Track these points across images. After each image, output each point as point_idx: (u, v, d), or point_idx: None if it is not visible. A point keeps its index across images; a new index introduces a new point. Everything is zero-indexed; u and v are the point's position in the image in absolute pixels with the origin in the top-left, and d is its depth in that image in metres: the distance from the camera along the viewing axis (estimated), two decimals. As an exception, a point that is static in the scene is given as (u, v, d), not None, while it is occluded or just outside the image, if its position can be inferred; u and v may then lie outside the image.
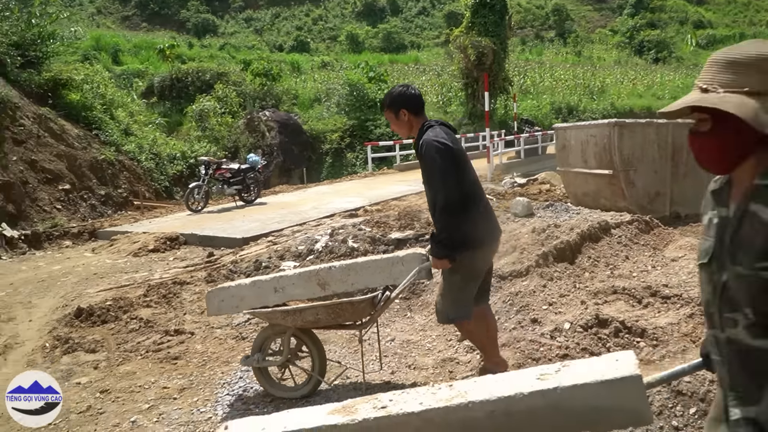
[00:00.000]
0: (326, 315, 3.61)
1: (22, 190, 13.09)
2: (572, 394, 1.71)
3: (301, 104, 31.82)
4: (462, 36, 28.17)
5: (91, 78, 18.70)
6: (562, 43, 58.19)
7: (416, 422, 1.72)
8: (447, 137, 3.37)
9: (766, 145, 1.41)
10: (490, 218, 3.59)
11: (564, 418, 1.72)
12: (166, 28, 53.45)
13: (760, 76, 1.41)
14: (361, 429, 1.75)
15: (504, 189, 12.81)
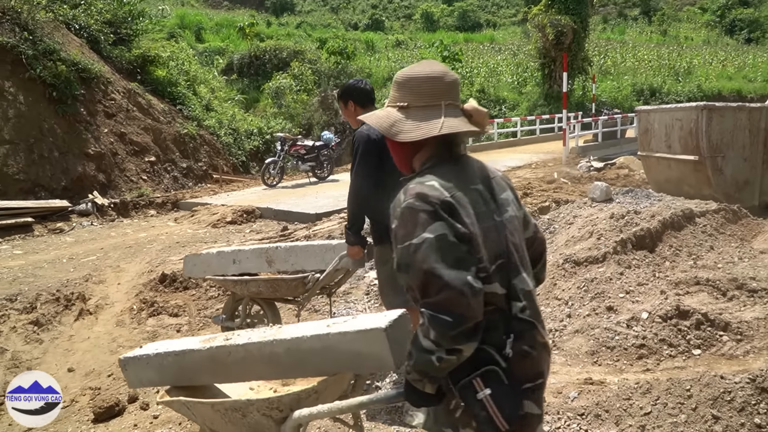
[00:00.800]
0: (266, 288, 3.98)
1: (112, 161, 13.87)
2: (338, 339, 2.15)
3: (375, 83, 31.88)
4: (541, 14, 27.31)
5: (176, 55, 19.48)
6: (646, 22, 55.33)
7: (241, 351, 2.30)
8: (371, 133, 3.46)
9: (430, 146, 1.73)
10: None
11: (333, 357, 2.17)
12: (246, 7, 54.62)
13: (404, 91, 1.76)
14: (209, 352, 2.35)
15: (579, 173, 12.46)
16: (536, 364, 1.67)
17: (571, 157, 15.13)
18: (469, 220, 1.60)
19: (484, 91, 28.61)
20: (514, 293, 1.66)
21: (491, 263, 1.62)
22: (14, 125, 12.35)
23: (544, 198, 8.99)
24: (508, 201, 1.77)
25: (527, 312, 1.67)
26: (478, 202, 1.66)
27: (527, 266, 1.75)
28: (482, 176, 1.76)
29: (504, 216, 1.72)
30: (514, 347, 1.61)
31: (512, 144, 21.31)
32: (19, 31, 13.11)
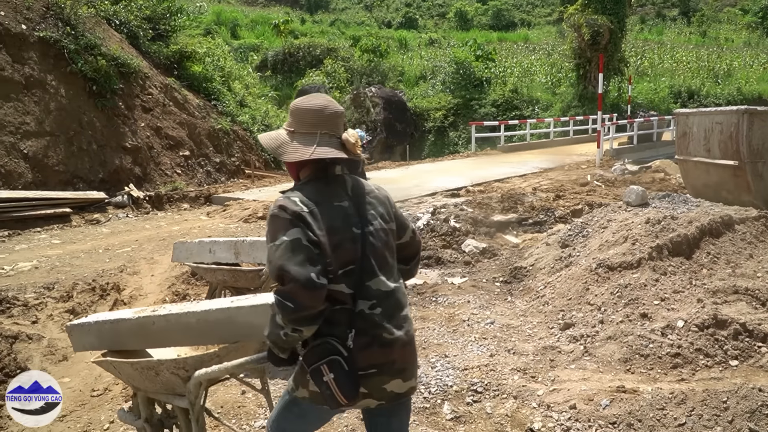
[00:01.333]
0: (229, 277, 4.32)
1: (148, 155, 14.14)
2: (237, 312, 2.58)
3: (407, 81, 31.87)
4: (577, 14, 26.92)
5: (212, 51, 19.75)
6: (685, 23, 53.98)
7: (162, 321, 2.68)
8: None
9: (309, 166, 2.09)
10: None
11: (233, 327, 2.59)
12: (281, 4, 55.03)
13: (292, 118, 2.11)
14: (138, 321, 2.74)
15: (613, 175, 12.25)
16: (373, 356, 2.01)
17: (604, 160, 14.89)
18: (320, 230, 1.95)
19: (517, 91, 28.33)
20: (365, 293, 2.02)
21: (339, 268, 1.98)
22: (55, 118, 12.66)
23: (577, 201, 8.87)
24: (375, 216, 2.11)
25: (377, 310, 2.03)
26: (336, 217, 2.01)
27: (389, 269, 2.11)
28: (353, 194, 2.10)
29: (366, 228, 2.06)
30: (355, 340, 1.98)
31: (544, 145, 21.06)
32: (62, 26, 13.44)
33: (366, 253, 2.04)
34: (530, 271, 5.46)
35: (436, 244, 6.67)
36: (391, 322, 2.05)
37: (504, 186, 11.26)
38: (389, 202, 2.21)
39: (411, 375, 2.13)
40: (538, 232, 7.28)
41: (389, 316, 2.06)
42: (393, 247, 2.16)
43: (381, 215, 2.13)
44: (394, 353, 2.05)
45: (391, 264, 2.14)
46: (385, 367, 2.04)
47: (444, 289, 5.40)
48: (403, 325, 2.10)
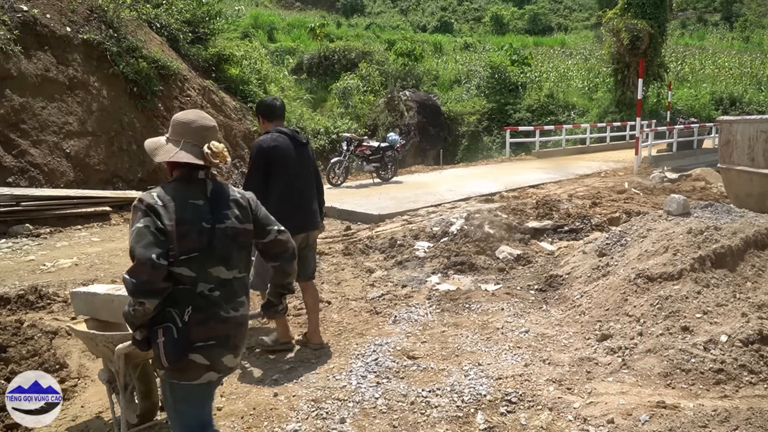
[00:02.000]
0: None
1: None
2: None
3: (441, 85, 31.78)
4: (616, 18, 26.46)
5: (249, 54, 19.99)
6: (727, 28, 52.63)
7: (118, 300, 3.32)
8: (271, 142, 4.16)
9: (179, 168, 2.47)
10: (300, 211, 4.28)
11: None
12: (317, 8, 55.53)
13: (170, 127, 2.51)
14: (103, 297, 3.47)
15: (652, 183, 11.98)
16: (210, 330, 2.39)
17: (643, 167, 14.57)
18: (169, 221, 2.30)
19: (553, 96, 27.98)
20: (207, 278, 2.39)
21: (183, 254, 2.33)
22: (97, 118, 12.97)
23: (614, 208, 8.69)
24: (229, 216, 2.48)
25: (215, 293, 2.41)
26: (188, 212, 2.36)
27: (233, 261, 2.48)
28: (212, 196, 2.46)
29: (218, 225, 2.43)
30: (192, 316, 2.35)
31: (581, 151, 20.74)
32: (104, 28, 13.78)
33: (212, 245, 2.41)
34: (566, 280, 5.35)
35: (469, 250, 6.60)
36: (228, 304, 2.46)
37: (539, 192, 11.11)
38: (251, 206, 2.59)
39: (240, 353, 2.56)
40: (574, 240, 7.14)
41: (226, 299, 2.45)
42: (244, 244, 2.55)
43: (236, 216, 2.50)
44: (229, 329, 2.46)
45: (237, 257, 2.51)
46: (222, 339, 2.43)
47: (477, 295, 5.34)
48: (239, 309, 2.51)
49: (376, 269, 6.53)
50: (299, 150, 4.30)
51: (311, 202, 4.40)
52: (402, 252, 6.97)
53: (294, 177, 4.24)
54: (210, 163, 2.42)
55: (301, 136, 4.43)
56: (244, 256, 2.56)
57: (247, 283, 2.63)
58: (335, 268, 6.66)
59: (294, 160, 4.23)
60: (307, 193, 4.36)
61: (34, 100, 11.99)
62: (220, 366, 2.44)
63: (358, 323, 4.95)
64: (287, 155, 4.20)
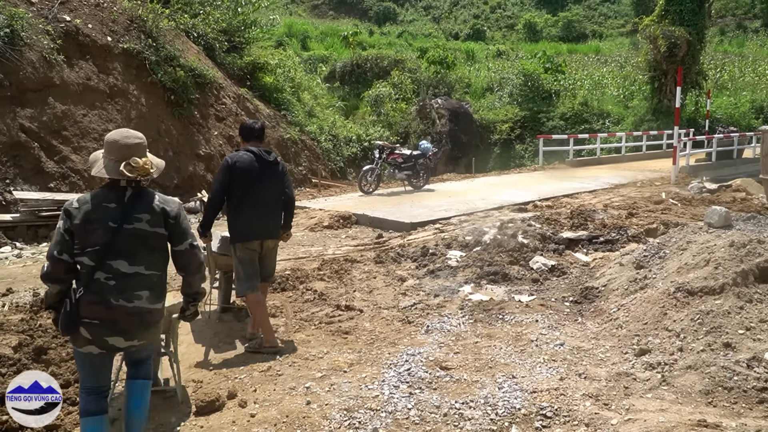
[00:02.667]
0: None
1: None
2: None
3: (473, 93, 31.65)
4: (653, 25, 26.00)
5: (283, 63, 20.25)
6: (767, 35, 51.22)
7: None
8: (235, 158, 4.66)
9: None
10: (255, 220, 4.69)
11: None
12: (350, 16, 55.94)
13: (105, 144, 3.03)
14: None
15: (690, 194, 11.71)
16: (97, 311, 2.90)
17: (680, 177, 14.26)
18: (77, 221, 2.87)
19: (587, 104, 27.59)
20: (105, 268, 2.91)
21: (87, 247, 2.89)
22: (135, 125, 13.25)
23: (651, 219, 8.51)
24: (140, 219, 2.97)
25: (111, 281, 2.91)
26: (98, 213, 2.89)
27: (137, 258, 2.97)
28: (128, 202, 2.96)
29: (125, 226, 2.92)
30: (83, 297, 2.90)
31: (616, 160, 20.40)
32: (144, 38, 14.12)
33: (115, 241, 2.90)
34: (602, 292, 5.25)
35: (502, 259, 6.53)
36: (121, 294, 2.92)
37: (573, 202, 10.95)
38: (168, 215, 3.04)
39: (133, 336, 3.02)
40: (610, 251, 7.01)
41: (121, 290, 2.92)
42: (155, 246, 3.03)
43: (148, 221, 2.98)
44: (116, 315, 2.92)
45: (143, 255, 2.98)
46: (106, 323, 2.92)
47: (511, 306, 5.27)
48: (134, 300, 2.95)
49: (408, 278, 6.52)
50: (265, 166, 4.71)
51: (270, 214, 4.78)
52: (434, 261, 6.94)
53: (253, 190, 4.65)
54: (124, 176, 2.91)
55: (271, 156, 4.79)
56: (155, 256, 3.04)
57: (157, 280, 3.06)
58: (367, 276, 6.67)
59: (256, 175, 4.65)
60: (266, 204, 4.73)
61: (76, 108, 12.34)
62: (103, 343, 2.95)
63: (391, 332, 4.93)
64: (249, 170, 4.63)
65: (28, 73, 11.26)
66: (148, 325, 3.07)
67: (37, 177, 11.01)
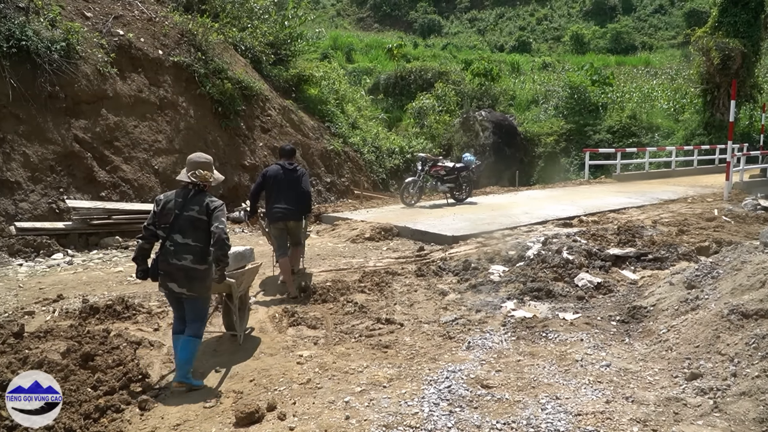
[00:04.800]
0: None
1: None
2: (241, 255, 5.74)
3: (518, 105, 31.35)
4: (706, 36, 25.25)
5: (327, 75, 20.48)
6: (826, 46, 49.08)
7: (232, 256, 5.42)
8: (269, 168, 7.06)
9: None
10: (278, 207, 6.77)
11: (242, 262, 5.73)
12: (395, 29, 56.27)
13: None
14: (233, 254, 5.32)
15: (744, 211, 11.26)
16: (164, 266, 4.41)
17: (733, 194, 13.74)
18: (158, 208, 4.41)
19: (636, 117, 26.94)
20: (170, 239, 4.38)
21: (162, 224, 4.39)
22: (184, 137, 13.62)
23: (703, 237, 8.21)
24: (192, 209, 4.37)
25: (172, 248, 4.37)
26: (170, 204, 4.39)
27: (188, 233, 4.38)
28: (190, 199, 4.40)
29: (183, 214, 4.36)
30: (159, 256, 4.44)
31: (665, 175, 19.86)
32: (193, 51, 14.51)
33: (176, 222, 4.36)
34: (651, 312, 5.06)
35: (546, 275, 6.39)
36: (175, 256, 4.38)
37: (620, 217, 10.68)
38: (209, 208, 4.37)
39: (182, 285, 4.42)
40: (659, 269, 6.79)
41: (176, 253, 4.37)
42: (197, 226, 4.38)
43: (197, 210, 4.37)
44: (171, 268, 4.40)
45: (191, 232, 4.38)
46: (168, 274, 4.41)
47: (555, 324, 5.13)
48: (182, 260, 4.38)
49: (449, 292, 6.45)
50: (287, 174, 6.85)
51: (289, 203, 6.77)
52: (476, 275, 6.85)
53: (278, 188, 6.77)
54: (191, 181, 4.41)
55: (292, 167, 6.93)
56: (199, 233, 4.39)
57: (199, 249, 4.41)
58: (408, 289, 6.63)
59: (279, 180, 6.79)
60: (286, 198, 6.77)
61: (127, 119, 12.74)
62: (168, 287, 4.45)
63: (431, 348, 4.87)
64: (274, 176, 6.84)
65: (82, 85, 11.68)
66: (192, 279, 4.43)
67: (89, 186, 11.38)
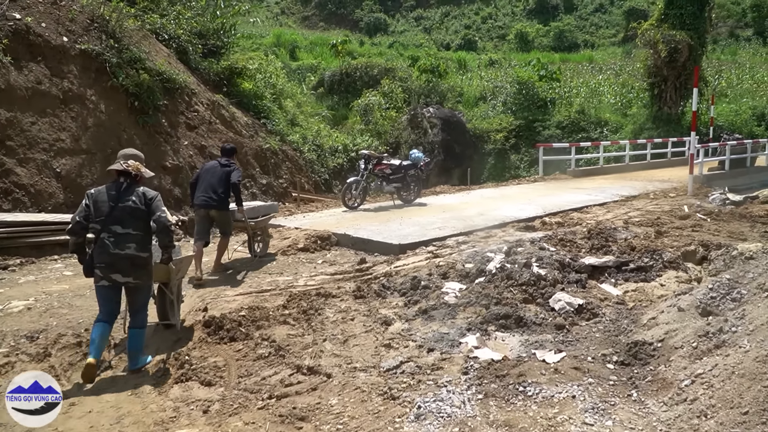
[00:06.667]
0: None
1: (190, 175, 13.18)
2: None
3: (466, 102, 30.49)
4: (652, 29, 24.92)
5: (264, 68, 18.91)
6: (760, 43, 50.69)
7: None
8: (206, 164, 7.85)
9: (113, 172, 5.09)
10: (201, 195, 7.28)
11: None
12: (341, 27, 54.87)
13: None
14: None
15: (715, 207, 10.42)
16: (104, 258, 4.54)
17: (695, 187, 12.96)
18: (89, 201, 4.63)
19: (584, 112, 26.46)
20: (107, 231, 4.56)
21: (97, 217, 4.59)
22: (93, 135, 11.90)
23: (685, 240, 7.18)
24: (128, 200, 4.64)
25: (111, 239, 4.55)
26: (103, 197, 4.64)
27: (127, 224, 4.60)
28: (124, 190, 4.67)
29: (119, 205, 4.60)
30: (94, 249, 4.61)
31: (619, 170, 19.17)
32: (105, 38, 12.76)
33: (113, 214, 4.57)
34: (659, 350, 3.84)
35: (514, 296, 5.13)
36: (117, 246, 4.54)
37: (584, 217, 9.62)
38: (146, 198, 4.68)
39: (127, 274, 4.58)
40: (644, 281, 5.67)
41: (117, 243, 4.54)
42: (135, 215, 4.62)
43: (134, 201, 4.63)
44: (114, 258, 4.53)
45: (131, 222, 4.61)
46: (110, 265, 4.53)
47: (533, 371, 3.77)
48: (125, 249, 4.55)
49: (394, 319, 5.13)
50: (219, 167, 7.39)
51: (213, 193, 7.21)
52: (427, 296, 5.56)
53: (206, 179, 7.30)
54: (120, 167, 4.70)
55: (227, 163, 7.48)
56: (139, 223, 4.61)
57: (141, 238, 4.61)
58: (343, 317, 5.27)
59: (209, 172, 7.39)
60: (211, 188, 7.22)
61: (23, 115, 10.95)
62: (111, 278, 4.50)
63: (366, 417, 3.42)
64: (208, 169, 7.48)
65: (-36, 75, 9.87)
66: (137, 267, 4.56)
67: (-30, 193, 9.60)
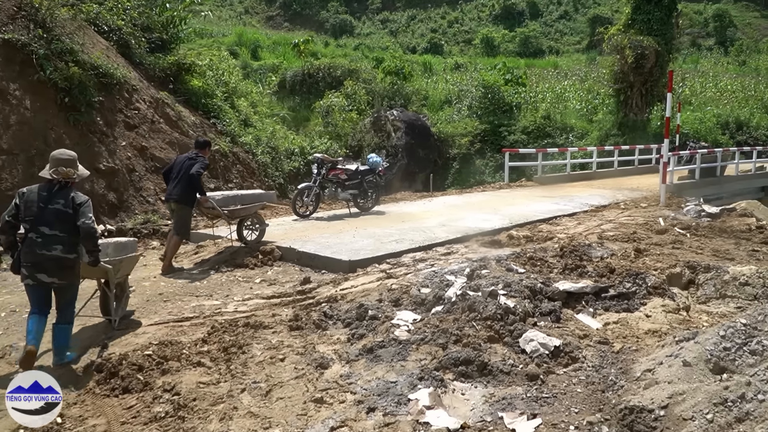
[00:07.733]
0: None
1: (127, 178, 12.04)
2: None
3: (431, 105, 29.78)
4: (619, 34, 24.62)
5: (216, 65, 17.77)
6: (722, 52, 51.65)
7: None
8: (179, 156, 8.33)
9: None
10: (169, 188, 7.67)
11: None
12: (306, 28, 53.86)
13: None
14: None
15: (690, 219, 9.78)
16: (31, 257, 4.49)
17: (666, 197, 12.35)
18: (22, 201, 4.54)
19: (550, 118, 26.01)
20: (35, 230, 4.50)
21: (26, 216, 4.52)
22: (15, 133, 10.69)
23: (667, 260, 6.42)
24: (57, 203, 4.58)
25: (39, 239, 4.49)
26: (33, 197, 4.56)
27: (54, 226, 4.54)
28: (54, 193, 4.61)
29: (48, 207, 4.55)
30: (22, 248, 4.55)
31: (586, 177, 18.62)
32: (33, 28, 11.53)
33: (42, 215, 4.51)
34: (663, 421, 2.95)
35: (477, 333, 4.24)
36: (43, 247, 4.48)
37: (554, 229, 8.85)
38: (75, 202, 4.60)
39: (53, 275, 4.54)
40: (627, 311, 4.87)
41: (44, 244, 4.48)
42: (63, 218, 4.55)
43: (63, 204, 4.57)
44: (40, 258, 4.48)
45: (58, 224, 4.55)
46: (36, 265, 4.49)
47: (501, 446, 2.94)
48: (52, 251, 4.50)
49: (332, 360, 4.20)
50: (187, 161, 7.59)
51: (175, 186, 7.46)
52: (375, 329, 4.65)
53: (174, 172, 7.60)
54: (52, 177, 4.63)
55: (192, 155, 7.76)
56: (67, 226, 4.56)
57: (68, 240, 4.58)
58: (272, 356, 4.31)
59: (178, 165, 7.65)
60: (176, 180, 7.47)
61: (-70, 111, 9.70)
62: (36, 278, 4.51)
63: None
64: (177, 161, 7.77)
65: None
66: (63, 268, 4.59)
67: None
